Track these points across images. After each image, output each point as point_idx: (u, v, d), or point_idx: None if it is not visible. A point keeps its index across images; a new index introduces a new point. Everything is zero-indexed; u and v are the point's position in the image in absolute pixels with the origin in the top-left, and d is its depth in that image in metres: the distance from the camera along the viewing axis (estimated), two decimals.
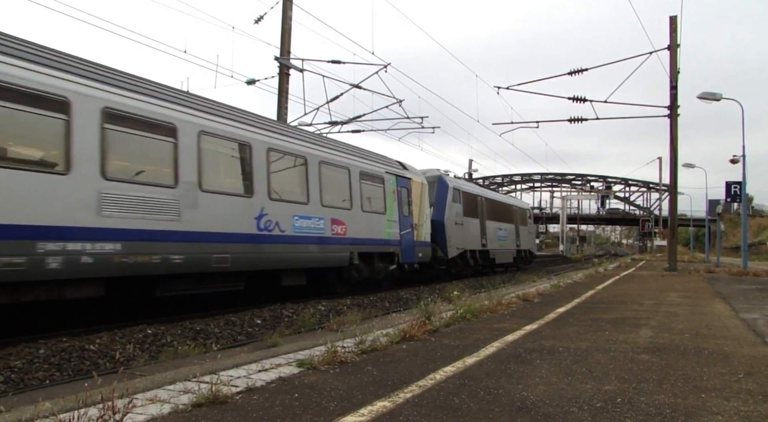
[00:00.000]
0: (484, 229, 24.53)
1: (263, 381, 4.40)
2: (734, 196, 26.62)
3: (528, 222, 33.69)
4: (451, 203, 20.89)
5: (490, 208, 25.94)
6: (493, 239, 25.88)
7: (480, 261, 24.09)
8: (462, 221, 21.85)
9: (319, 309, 11.75)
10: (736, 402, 3.87)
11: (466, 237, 22.23)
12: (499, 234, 26.95)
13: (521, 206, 34.21)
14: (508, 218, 28.98)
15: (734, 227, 67.92)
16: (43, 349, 7.23)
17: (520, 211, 32.46)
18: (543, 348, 5.82)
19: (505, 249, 27.64)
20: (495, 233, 26.26)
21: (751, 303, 10.86)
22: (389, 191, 16.26)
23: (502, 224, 27.45)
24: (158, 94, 9.48)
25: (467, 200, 22.80)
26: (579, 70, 22.28)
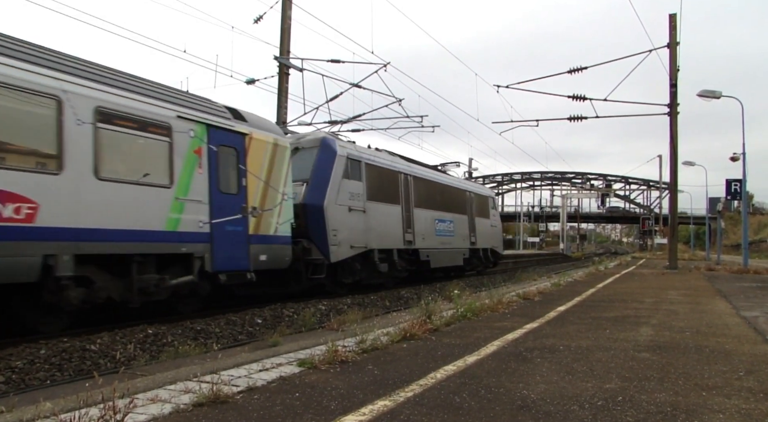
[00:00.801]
0: (410, 220, 17.52)
1: (264, 380, 4.40)
2: (734, 194, 26.59)
3: (491, 213, 26.08)
4: (340, 179, 14.17)
5: (423, 191, 18.80)
6: (428, 234, 18.74)
7: (403, 265, 17.17)
8: (364, 207, 15.06)
9: (319, 309, 11.75)
10: (737, 399, 3.87)
11: (371, 231, 15.29)
12: (439, 228, 19.77)
13: (480, 191, 25.68)
14: (456, 207, 21.55)
15: (734, 225, 67.92)
16: (44, 349, 7.23)
17: (478, 198, 24.50)
18: (544, 347, 5.82)
19: (448, 248, 20.32)
20: (431, 226, 19.09)
21: (751, 301, 10.86)
22: (183, 150, 9.88)
23: (444, 215, 20.16)
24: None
25: (377, 177, 15.97)
26: (579, 68, 22.26)
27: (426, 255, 18.40)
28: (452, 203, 21.25)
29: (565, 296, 11.58)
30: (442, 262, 19.85)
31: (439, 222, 19.87)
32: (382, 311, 11.73)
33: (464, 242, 22.15)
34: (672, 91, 22.62)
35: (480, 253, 24.18)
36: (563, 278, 16.94)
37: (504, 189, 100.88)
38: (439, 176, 21.01)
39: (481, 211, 24.72)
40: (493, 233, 26.38)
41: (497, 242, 27.16)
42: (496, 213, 27.58)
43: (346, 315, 8.67)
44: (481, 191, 26.12)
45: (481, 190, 26.42)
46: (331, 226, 13.63)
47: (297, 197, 13.13)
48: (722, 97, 23.60)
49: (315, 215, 13.37)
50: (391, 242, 16.42)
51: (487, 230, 25.16)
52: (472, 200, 23.60)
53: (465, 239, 22.28)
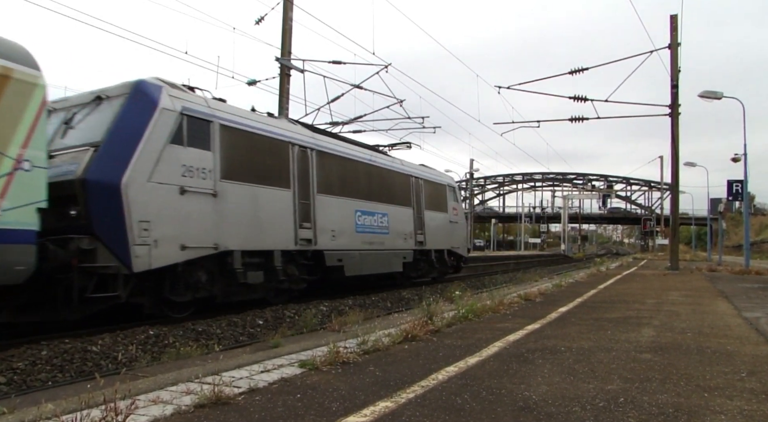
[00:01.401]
0: (308, 211, 12.66)
1: (265, 381, 4.40)
2: (736, 194, 26.57)
3: (450, 206, 20.71)
4: (162, 144, 9.52)
5: (336, 172, 13.95)
6: (342, 230, 13.94)
7: (294, 273, 12.38)
8: (214, 189, 10.28)
9: (320, 310, 11.76)
10: (739, 401, 3.86)
11: (229, 224, 10.56)
12: (363, 223, 14.87)
13: (434, 178, 20.05)
14: (394, 196, 16.70)
15: (736, 226, 67.84)
16: (45, 350, 7.24)
17: (430, 187, 19.37)
18: (545, 348, 5.82)
19: (378, 250, 15.43)
20: (347, 219, 14.26)
21: (753, 302, 10.84)
22: None
23: (372, 205, 15.31)
24: None
25: (244, 147, 11.16)
26: (580, 69, 22.27)
27: (337, 259, 13.51)
28: (387, 190, 16.20)
29: (567, 297, 11.57)
30: (367, 268, 14.85)
31: (363, 215, 14.78)
32: (384, 313, 11.74)
33: (406, 241, 17.07)
34: (673, 92, 22.61)
35: (432, 256, 18.91)
36: (564, 279, 16.93)
37: (505, 190, 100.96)
38: (364, 155, 15.50)
39: (436, 203, 19.60)
40: (454, 231, 20.90)
41: (460, 241, 21.36)
42: (459, 206, 22.01)
43: (347, 316, 8.67)
44: (436, 178, 20.32)
45: (436, 176, 20.38)
46: (138, 215, 8.91)
47: (75, 169, 8.60)
48: (723, 98, 23.59)
49: (104, 196, 8.63)
50: (271, 241, 11.52)
51: (443, 227, 20.00)
52: (420, 188, 18.38)
53: (408, 238, 17.18)
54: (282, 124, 12.72)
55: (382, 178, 16.22)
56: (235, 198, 10.72)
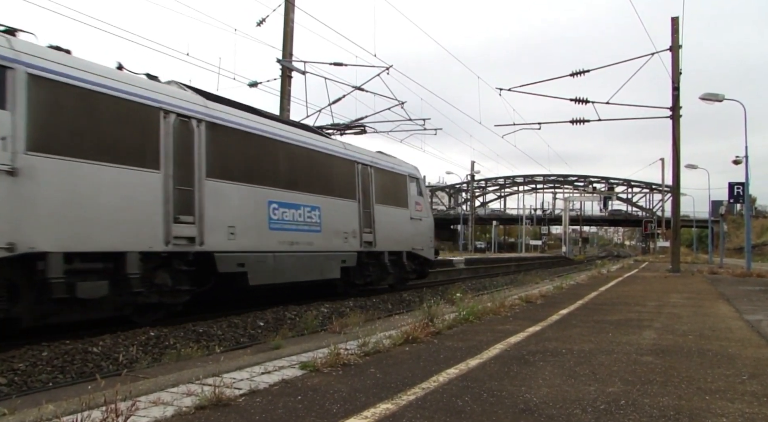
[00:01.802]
0: (190, 200, 9.70)
1: (266, 383, 4.40)
2: (737, 197, 26.55)
3: (411, 201, 17.42)
4: None
5: (238, 152, 10.97)
6: (248, 227, 10.96)
7: (166, 282, 9.40)
8: (11, 165, 7.24)
9: (321, 311, 11.76)
10: (741, 404, 3.86)
11: (38, 215, 7.57)
12: (280, 218, 11.76)
13: (388, 166, 16.53)
14: (331, 186, 13.64)
15: (737, 228, 67.78)
16: (46, 351, 7.24)
17: (384, 177, 16.03)
18: (546, 350, 5.81)
19: (303, 253, 12.41)
20: (256, 213, 11.24)
21: (754, 304, 10.83)
22: None
23: (294, 196, 12.23)
24: None
25: (75, 107, 8.24)
26: (581, 71, 22.28)
27: (237, 264, 10.48)
28: (320, 179, 13.18)
29: (568, 299, 11.56)
30: (285, 275, 11.84)
31: (282, 208, 11.73)
32: (384, 314, 11.73)
33: (348, 242, 13.95)
34: (674, 95, 22.61)
35: (386, 259, 15.67)
36: (565, 281, 16.92)
37: (506, 192, 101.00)
38: (286, 133, 12.28)
39: (393, 196, 16.39)
40: (416, 230, 17.55)
41: (424, 242, 17.99)
42: (424, 201, 18.69)
43: (348, 318, 8.66)
44: (394, 167, 16.78)
45: (393, 164, 16.84)
46: None
47: None
48: (725, 100, 23.59)
49: None
50: (120, 239, 8.60)
51: (402, 226, 16.78)
52: (369, 177, 15.10)
53: (350, 238, 14.06)
54: (153, 85, 9.47)
55: (313, 163, 12.90)
56: (52, 179, 7.73)
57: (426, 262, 18.45)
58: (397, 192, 16.78)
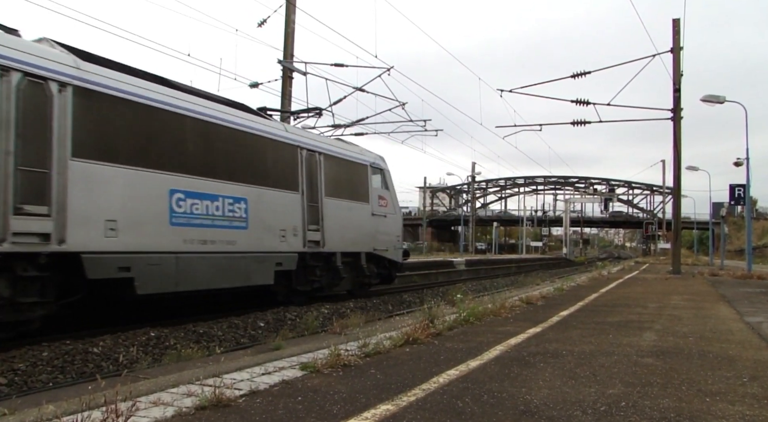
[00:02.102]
0: (42, 186, 7.57)
1: (266, 384, 4.40)
2: (738, 199, 26.53)
3: (373, 194, 15.22)
4: None
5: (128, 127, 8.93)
6: (140, 220, 8.93)
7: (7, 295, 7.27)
8: None
9: (322, 312, 11.76)
10: (741, 406, 3.85)
11: None
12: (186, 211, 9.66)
13: (342, 154, 14.32)
14: (264, 174, 11.54)
15: (738, 230, 67.78)
16: (46, 352, 7.24)
17: (336, 165, 13.86)
18: (546, 352, 5.81)
19: (225, 254, 10.42)
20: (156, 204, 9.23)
21: (755, 306, 10.82)
22: None
23: (213, 185, 10.25)
24: None
25: None
26: (582, 73, 22.26)
27: (118, 268, 8.56)
28: (248, 165, 11.06)
29: (568, 300, 11.55)
30: (193, 280, 9.75)
31: (191, 199, 9.68)
32: (385, 315, 11.73)
33: (286, 240, 11.78)
34: (675, 96, 22.61)
35: (338, 261, 13.52)
36: (566, 282, 16.91)
37: (507, 193, 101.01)
38: (200, 108, 10.12)
39: (347, 188, 14.16)
40: (379, 228, 15.32)
41: (389, 242, 15.79)
42: (390, 195, 16.24)
43: (348, 319, 8.67)
44: (350, 154, 14.60)
45: (350, 152, 14.67)
46: None
47: None
48: (726, 101, 23.58)
49: None
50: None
51: (361, 223, 14.61)
52: (317, 165, 12.91)
53: (290, 236, 11.88)
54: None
55: (238, 146, 10.81)
56: None
57: (392, 265, 16.28)
58: (354, 184, 14.51)
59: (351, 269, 14.34)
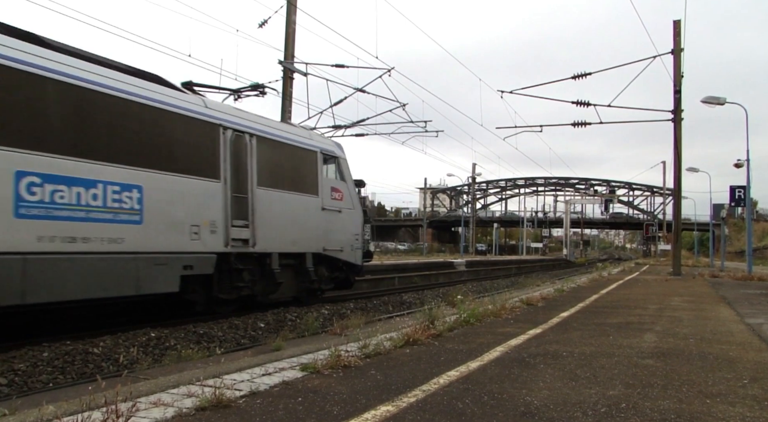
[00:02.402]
0: None
1: (267, 385, 4.40)
2: (738, 200, 26.51)
3: (323, 187, 13.21)
4: None
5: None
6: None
7: None
8: None
9: (322, 313, 11.77)
10: (742, 407, 3.85)
11: None
12: (43, 199, 7.48)
13: (281, 136, 12.18)
14: (168, 156, 9.45)
15: (739, 232, 67.77)
16: (46, 352, 7.24)
17: (275, 150, 11.85)
18: (547, 353, 5.80)
19: (107, 254, 8.29)
20: None
21: (756, 308, 10.81)
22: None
23: (88, 168, 8.09)
24: None
25: None
26: (583, 74, 22.27)
27: None
28: (142, 144, 9.09)
29: (569, 302, 11.54)
30: (52, 290, 7.72)
31: (48, 184, 7.67)
32: (385, 316, 11.73)
33: (197, 238, 9.79)
34: (676, 98, 22.61)
35: (273, 264, 11.51)
36: (566, 283, 16.90)
37: (508, 194, 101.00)
38: (72, 70, 8.12)
39: (289, 178, 12.12)
40: (332, 225, 13.35)
41: (345, 241, 13.82)
42: (347, 188, 14.12)
43: (348, 320, 8.67)
44: (292, 139, 12.43)
45: (291, 136, 12.49)
46: None
47: None
48: (726, 103, 23.58)
49: None
50: None
51: (307, 219, 12.57)
52: (245, 149, 10.90)
53: (204, 233, 9.90)
54: None
55: (129, 120, 8.88)
56: None
57: (351, 267, 14.16)
58: (299, 174, 12.43)
59: (294, 273, 12.43)
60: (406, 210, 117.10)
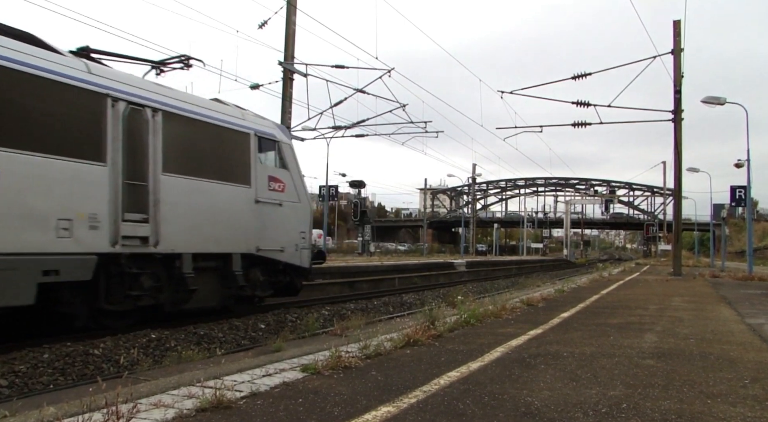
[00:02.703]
0: None
1: (267, 386, 4.40)
2: (739, 200, 26.51)
3: (257, 175, 11.16)
4: None
5: None
6: None
7: None
8: None
9: (323, 314, 11.77)
10: (743, 407, 3.85)
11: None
12: None
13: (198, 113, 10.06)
14: (23, 130, 7.46)
15: (739, 232, 67.77)
16: (47, 353, 7.25)
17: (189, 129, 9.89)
18: (547, 353, 5.80)
19: None
20: None
21: (756, 308, 10.81)
22: None
23: None
24: None
25: None
26: (583, 74, 22.27)
27: None
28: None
29: (569, 302, 11.54)
30: None
31: None
32: (386, 317, 11.73)
33: (67, 236, 7.89)
34: (676, 98, 22.61)
35: (183, 267, 9.65)
36: (567, 284, 16.90)
37: (508, 195, 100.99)
38: None
39: (209, 163, 10.26)
40: (269, 221, 11.37)
41: (287, 239, 11.83)
42: (290, 178, 12.09)
43: (349, 321, 8.67)
44: (212, 116, 10.42)
45: (210, 112, 10.43)
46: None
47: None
48: (727, 103, 23.57)
49: None
50: None
51: (236, 212, 10.69)
52: (145, 126, 9.15)
53: (78, 229, 8.03)
54: None
55: None
56: None
57: (296, 271, 12.07)
58: (224, 159, 10.49)
59: (217, 278, 10.44)
60: (406, 211, 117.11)
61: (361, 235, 46.56)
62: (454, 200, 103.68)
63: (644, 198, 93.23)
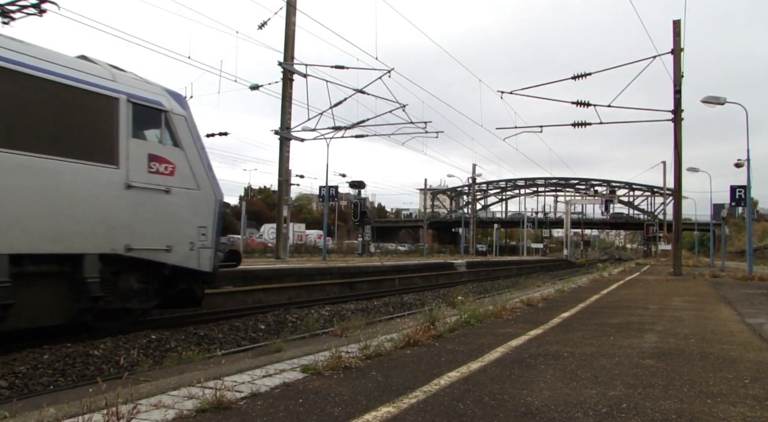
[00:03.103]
0: None
1: (267, 386, 4.39)
2: (739, 200, 26.49)
3: (127, 153, 8.45)
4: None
5: None
6: None
7: None
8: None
9: (323, 314, 11.77)
10: (743, 407, 3.85)
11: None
12: None
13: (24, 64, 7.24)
14: None
15: (739, 232, 67.77)
16: (47, 354, 7.24)
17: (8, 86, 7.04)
18: (548, 353, 5.80)
19: None
20: None
21: (756, 308, 10.81)
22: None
23: None
24: None
25: None
26: (583, 74, 22.28)
27: None
28: None
29: (569, 302, 11.54)
30: None
31: None
32: (386, 317, 11.74)
33: None
34: (676, 98, 22.61)
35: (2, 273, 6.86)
36: (567, 284, 16.89)
37: (508, 195, 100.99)
38: None
39: (50, 134, 7.66)
40: (148, 211, 8.78)
41: (177, 236, 9.22)
42: (183, 158, 9.43)
43: (349, 321, 8.67)
44: (52, 70, 7.65)
45: (49, 67, 7.64)
46: None
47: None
48: (726, 103, 23.57)
49: None
50: None
51: (92, 200, 8.04)
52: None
53: None
54: None
55: None
56: None
57: (195, 276, 9.64)
58: (74, 129, 7.99)
59: (59, 287, 7.96)
60: (406, 211, 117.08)
61: (361, 235, 46.57)
62: (454, 200, 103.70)
63: (644, 198, 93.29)
